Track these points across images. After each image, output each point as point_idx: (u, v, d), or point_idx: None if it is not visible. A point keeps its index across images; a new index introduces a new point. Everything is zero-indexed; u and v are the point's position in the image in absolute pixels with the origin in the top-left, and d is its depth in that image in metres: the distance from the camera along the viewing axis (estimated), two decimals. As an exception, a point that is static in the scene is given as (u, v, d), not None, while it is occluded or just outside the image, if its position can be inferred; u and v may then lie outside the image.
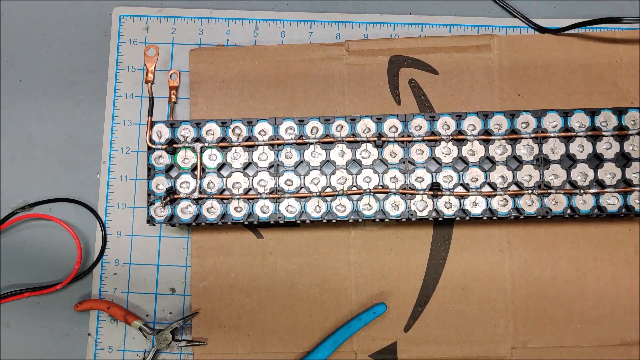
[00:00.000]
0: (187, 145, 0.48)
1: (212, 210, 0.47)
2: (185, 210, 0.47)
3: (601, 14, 0.54)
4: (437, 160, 0.47)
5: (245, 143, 0.48)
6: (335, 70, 0.52)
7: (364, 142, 0.48)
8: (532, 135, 0.47)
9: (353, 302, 0.50)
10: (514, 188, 0.47)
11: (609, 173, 0.46)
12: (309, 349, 0.49)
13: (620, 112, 0.47)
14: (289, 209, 0.47)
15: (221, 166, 0.48)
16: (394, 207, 0.47)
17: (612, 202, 0.46)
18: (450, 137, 0.47)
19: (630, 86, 0.51)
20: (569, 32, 0.52)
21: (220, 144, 0.48)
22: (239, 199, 0.47)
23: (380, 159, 0.47)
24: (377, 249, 0.51)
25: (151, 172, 0.48)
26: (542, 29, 0.53)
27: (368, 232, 0.51)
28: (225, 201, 0.47)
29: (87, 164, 0.53)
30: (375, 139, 0.47)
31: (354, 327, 0.48)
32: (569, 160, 0.47)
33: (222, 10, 0.55)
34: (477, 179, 0.47)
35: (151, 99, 0.50)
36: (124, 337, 0.51)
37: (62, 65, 0.55)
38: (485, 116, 0.47)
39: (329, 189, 0.47)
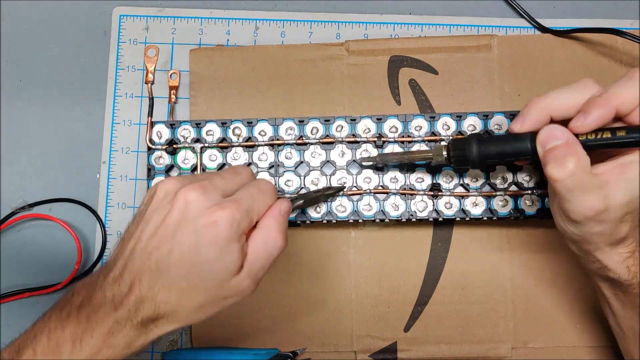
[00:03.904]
0: (187, 145, 0.48)
1: (212, 210, 0.47)
2: (186, 211, 0.47)
3: (601, 14, 0.54)
4: (437, 161, 0.47)
5: (245, 143, 0.48)
6: (335, 70, 0.52)
7: (364, 142, 0.48)
8: (532, 135, 0.47)
9: (353, 302, 0.50)
10: (514, 188, 0.47)
11: (609, 173, 0.46)
12: (308, 349, 0.49)
13: (620, 112, 0.47)
14: (289, 209, 0.47)
15: (221, 167, 0.48)
16: (394, 207, 0.47)
17: (612, 202, 0.46)
18: (451, 138, 0.47)
19: (631, 86, 0.51)
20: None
21: (220, 145, 0.48)
22: (239, 199, 0.47)
23: (380, 159, 0.47)
24: (377, 249, 0.51)
25: (151, 172, 0.48)
26: (545, 29, 0.53)
27: (368, 232, 0.51)
28: (225, 201, 0.47)
29: (87, 164, 0.53)
30: (376, 139, 0.47)
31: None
32: (569, 161, 0.47)
33: (222, 10, 0.55)
34: (477, 180, 0.47)
35: (151, 99, 0.50)
36: (124, 337, 0.51)
37: (62, 65, 0.55)
38: (486, 116, 0.47)
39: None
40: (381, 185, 0.47)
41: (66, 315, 0.34)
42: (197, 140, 0.48)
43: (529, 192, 0.46)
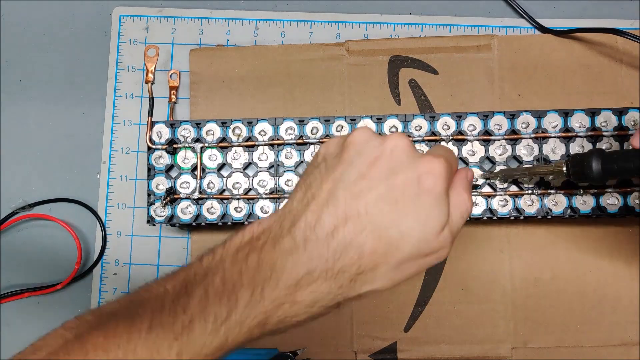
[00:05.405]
0: (187, 145, 0.48)
1: (212, 210, 0.47)
2: (185, 211, 0.47)
3: (601, 14, 0.54)
4: (437, 161, 0.47)
5: (246, 143, 0.48)
6: (335, 70, 0.52)
7: (364, 142, 0.47)
8: (532, 135, 0.47)
9: (353, 302, 0.50)
10: (514, 188, 0.47)
11: (609, 173, 0.46)
12: (308, 349, 0.49)
13: (620, 112, 0.47)
14: (289, 209, 0.47)
15: (221, 166, 0.48)
16: (394, 207, 0.47)
17: (612, 202, 0.46)
18: (451, 138, 0.47)
19: (630, 86, 0.51)
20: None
21: (221, 144, 0.48)
22: (239, 199, 0.47)
23: (380, 159, 0.47)
24: (377, 249, 0.50)
25: (151, 172, 0.48)
26: (545, 29, 0.53)
27: (368, 232, 0.51)
28: (225, 201, 0.47)
29: (87, 164, 0.53)
30: (376, 139, 0.47)
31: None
32: (569, 161, 0.47)
33: (222, 10, 0.55)
34: (477, 179, 0.47)
35: (151, 99, 0.50)
36: (124, 337, 0.51)
37: (62, 65, 0.55)
38: (486, 116, 0.47)
39: (329, 189, 0.47)
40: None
41: (244, 257, 0.29)
42: (197, 140, 0.48)
43: (529, 192, 0.46)
